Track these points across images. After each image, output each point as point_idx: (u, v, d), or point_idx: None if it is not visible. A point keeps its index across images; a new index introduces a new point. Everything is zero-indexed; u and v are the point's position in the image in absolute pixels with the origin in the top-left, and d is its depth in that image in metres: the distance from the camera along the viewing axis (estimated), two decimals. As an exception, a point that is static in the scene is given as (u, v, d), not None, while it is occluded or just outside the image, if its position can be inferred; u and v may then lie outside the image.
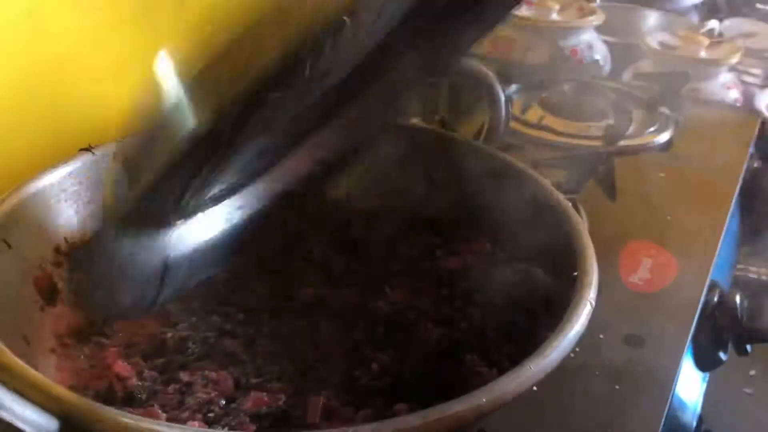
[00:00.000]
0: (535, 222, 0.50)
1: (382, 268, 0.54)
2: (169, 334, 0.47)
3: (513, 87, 0.93)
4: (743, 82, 1.05)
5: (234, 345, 0.46)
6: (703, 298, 0.61)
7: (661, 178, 0.79)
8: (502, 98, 0.55)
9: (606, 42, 0.99)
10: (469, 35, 0.42)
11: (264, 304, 0.50)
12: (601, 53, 0.96)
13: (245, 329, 0.48)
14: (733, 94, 1.01)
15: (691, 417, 0.59)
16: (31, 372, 0.36)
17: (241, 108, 0.36)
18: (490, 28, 0.43)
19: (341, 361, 0.45)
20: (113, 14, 0.73)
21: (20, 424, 0.32)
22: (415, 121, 0.61)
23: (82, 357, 0.46)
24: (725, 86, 0.99)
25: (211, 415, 0.41)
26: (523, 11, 0.99)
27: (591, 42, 0.96)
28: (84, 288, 0.46)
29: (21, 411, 0.33)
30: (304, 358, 0.46)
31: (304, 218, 0.54)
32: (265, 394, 0.42)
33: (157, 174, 0.39)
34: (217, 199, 0.46)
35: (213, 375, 0.44)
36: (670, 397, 0.51)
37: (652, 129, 0.86)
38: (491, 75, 0.55)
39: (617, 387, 0.51)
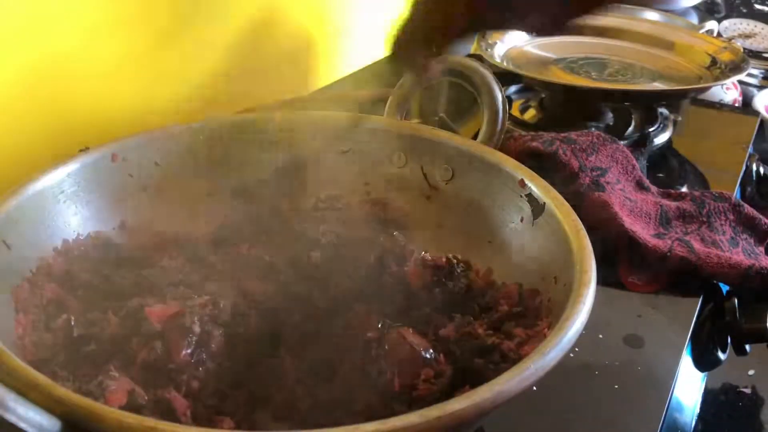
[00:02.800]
0: (533, 221, 0.50)
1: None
2: None
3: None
4: (742, 83, 1.05)
5: None
6: (702, 298, 0.61)
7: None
8: (501, 98, 0.55)
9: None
10: None
11: None
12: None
13: None
14: (732, 95, 1.01)
15: (690, 417, 0.59)
16: (33, 373, 0.35)
17: None
18: None
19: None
20: (112, 14, 0.73)
21: (23, 425, 0.32)
22: (415, 121, 0.61)
23: None
24: (724, 87, 0.99)
25: None
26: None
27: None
28: None
29: (23, 412, 0.33)
30: None
31: None
32: None
33: None
34: None
35: None
36: (669, 397, 0.51)
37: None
38: (490, 75, 0.55)
39: (617, 387, 0.51)
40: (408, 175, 0.58)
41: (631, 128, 0.86)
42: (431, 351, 0.43)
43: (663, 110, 0.90)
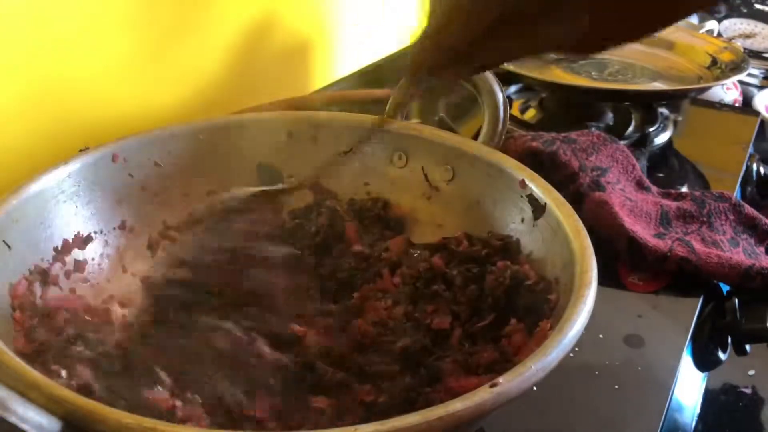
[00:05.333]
0: (534, 222, 0.50)
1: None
2: None
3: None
4: (742, 83, 1.05)
5: None
6: (702, 298, 0.61)
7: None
8: (502, 99, 0.55)
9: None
10: None
11: None
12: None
13: None
14: (732, 95, 1.01)
15: (690, 417, 0.59)
16: (34, 373, 0.35)
17: None
18: None
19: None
20: (115, 14, 0.73)
21: (23, 426, 0.32)
22: (415, 121, 0.61)
23: None
24: (724, 87, 0.99)
25: None
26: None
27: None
28: None
29: (24, 412, 0.32)
30: None
31: None
32: None
33: None
34: None
35: None
36: (669, 397, 0.51)
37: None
38: (491, 75, 0.54)
39: (617, 387, 0.51)
40: (408, 176, 0.58)
41: (631, 128, 0.86)
42: None
43: (663, 110, 0.90)
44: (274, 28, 0.96)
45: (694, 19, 1.28)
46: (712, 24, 1.09)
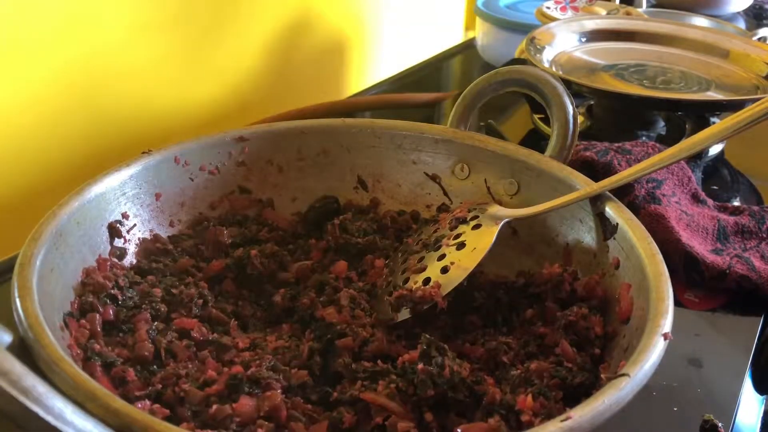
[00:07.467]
0: (604, 242, 0.49)
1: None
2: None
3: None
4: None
5: None
6: (763, 318, 0.60)
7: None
8: (572, 112, 0.53)
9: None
10: None
11: None
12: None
13: None
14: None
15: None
16: (92, 383, 0.35)
17: None
18: None
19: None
20: (152, 13, 0.73)
21: None
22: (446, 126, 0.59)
23: None
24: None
25: None
26: (569, 16, 0.98)
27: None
28: None
29: (82, 425, 0.32)
30: None
31: None
32: None
33: None
34: None
35: None
36: (732, 423, 0.50)
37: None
38: (561, 87, 0.53)
39: (675, 409, 0.50)
40: (471, 188, 0.57)
41: (684, 138, 0.84)
42: None
43: (716, 119, 0.88)
44: (312, 27, 0.95)
45: (741, 25, 1.26)
46: (764, 31, 1.06)
